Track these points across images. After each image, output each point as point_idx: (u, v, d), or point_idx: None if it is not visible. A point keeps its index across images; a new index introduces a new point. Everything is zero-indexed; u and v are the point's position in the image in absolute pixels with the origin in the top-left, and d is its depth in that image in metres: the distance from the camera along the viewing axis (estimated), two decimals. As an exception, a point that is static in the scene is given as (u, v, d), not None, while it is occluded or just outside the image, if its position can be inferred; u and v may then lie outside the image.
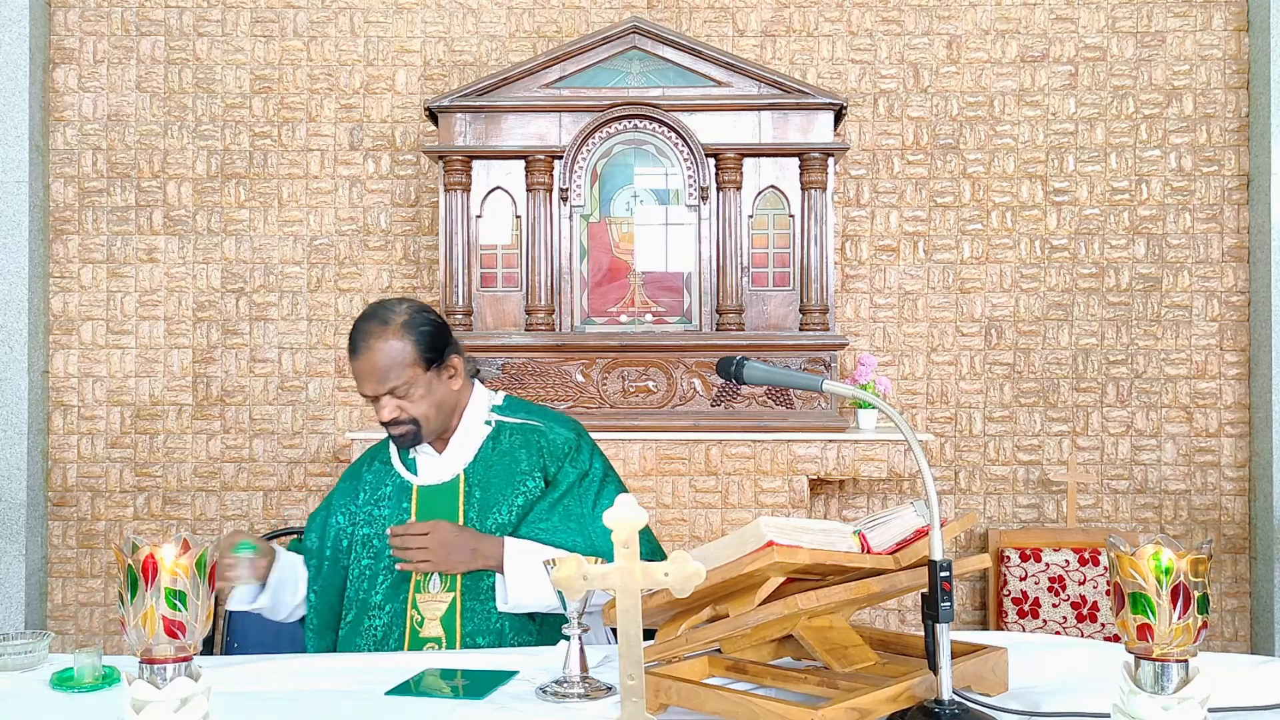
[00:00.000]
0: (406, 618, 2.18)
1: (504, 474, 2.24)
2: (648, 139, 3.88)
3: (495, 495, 2.22)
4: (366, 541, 2.25)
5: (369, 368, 2.14)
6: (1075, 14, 4.20)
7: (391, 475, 2.30)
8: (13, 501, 4.02)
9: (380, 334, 2.14)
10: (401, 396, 2.16)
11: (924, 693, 1.49)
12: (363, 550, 2.25)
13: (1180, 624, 1.28)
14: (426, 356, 2.17)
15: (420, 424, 2.19)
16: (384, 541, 2.21)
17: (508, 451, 2.26)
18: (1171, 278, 4.17)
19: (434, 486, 2.26)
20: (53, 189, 4.21)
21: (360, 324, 2.18)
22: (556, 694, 1.70)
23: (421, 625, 2.16)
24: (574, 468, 2.26)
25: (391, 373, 2.14)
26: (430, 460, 2.28)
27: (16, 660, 1.86)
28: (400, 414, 2.17)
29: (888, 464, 3.70)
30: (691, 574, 1.34)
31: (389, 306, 2.20)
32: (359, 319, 2.20)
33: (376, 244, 4.22)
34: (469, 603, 2.16)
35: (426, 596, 2.17)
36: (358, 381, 2.19)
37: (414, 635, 2.16)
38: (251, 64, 4.23)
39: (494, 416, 2.30)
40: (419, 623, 2.16)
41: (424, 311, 2.21)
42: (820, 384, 1.68)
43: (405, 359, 2.14)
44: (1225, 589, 4.15)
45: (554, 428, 2.30)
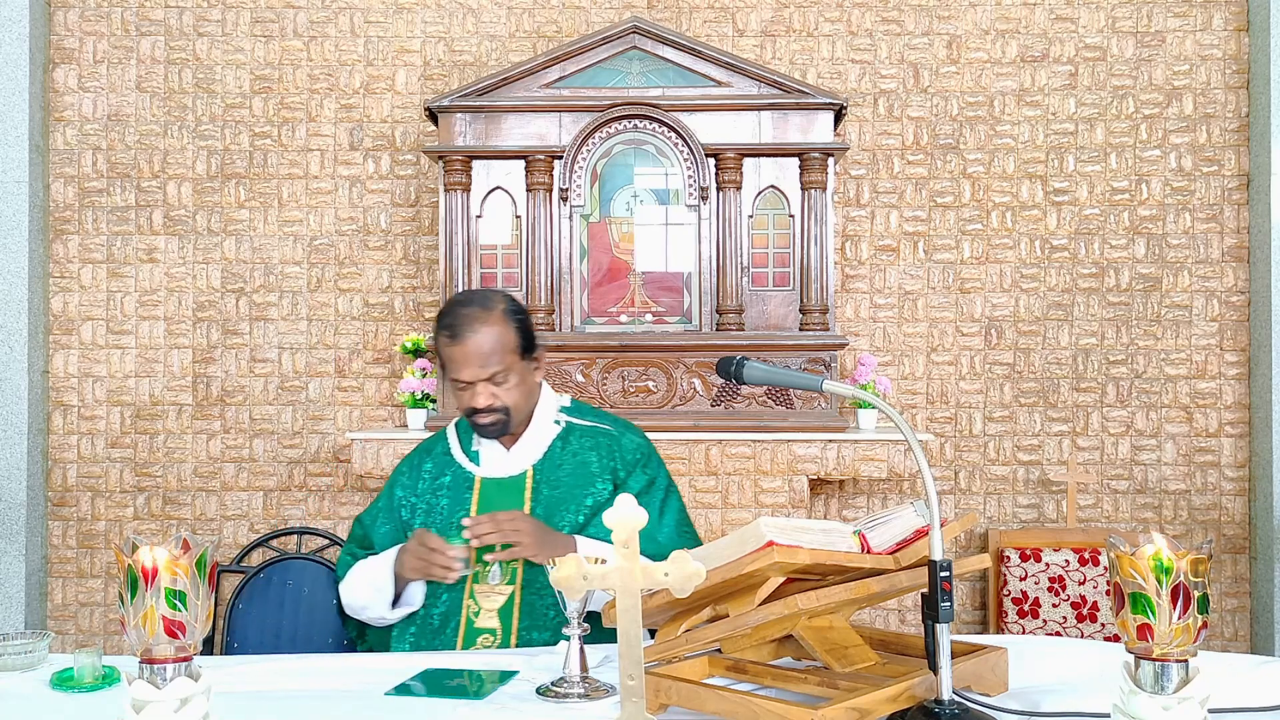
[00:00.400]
0: (463, 608, 2.18)
1: (574, 475, 2.25)
2: (648, 139, 3.88)
3: (565, 495, 2.23)
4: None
5: (473, 352, 2.15)
6: (1075, 14, 4.20)
7: (452, 465, 2.31)
8: (13, 501, 4.02)
9: (485, 319, 2.16)
10: (498, 384, 2.17)
11: (924, 693, 1.49)
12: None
13: (1180, 624, 1.28)
14: (523, 345, 2.20)
15: (510, 413, 2.20)
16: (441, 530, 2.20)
17: (578, 453, 2.28)
18: (1171, 278, 4.17)
19: (499, 479, 2.26)
20: (53, 189, 4.21)
21: (460, 310, 2.19)
22: (556, 694, 1.70)
23: (477, 616, 2.16)
24: (644, 474, 2.28)
25: (493, 358, 2.16)
26: (496, 453, 2.29)
27: (16, 660, 1.86)
28: (494, 401, 2.18)
29: (888, 464, 3.70)
30: (691, 574, 1.34)
31: (487, 294, 2.23)
32: (456, 305, 2.22)
33: (376, 244, 4.22)
34: (528, 597, 2.16)
35: (485, 588, 2.18)
36: (454, 367, 2.18)
37: (469, 626, 2.16)
38: (251, 64, 4.23)
39: (563, 417, 2.32)
40: (475, 613, 2.16)
41: (518, 301, 2.26)
42: (820, 384, 1.68)
43: (507, 345, 2.17)
44: (1225, 589, 4.15)
45: (625, 434, 2.33)
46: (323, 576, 3.99)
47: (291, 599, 3.96)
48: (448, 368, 2.21)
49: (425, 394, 3.91)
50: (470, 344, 2.16)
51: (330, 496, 4.19)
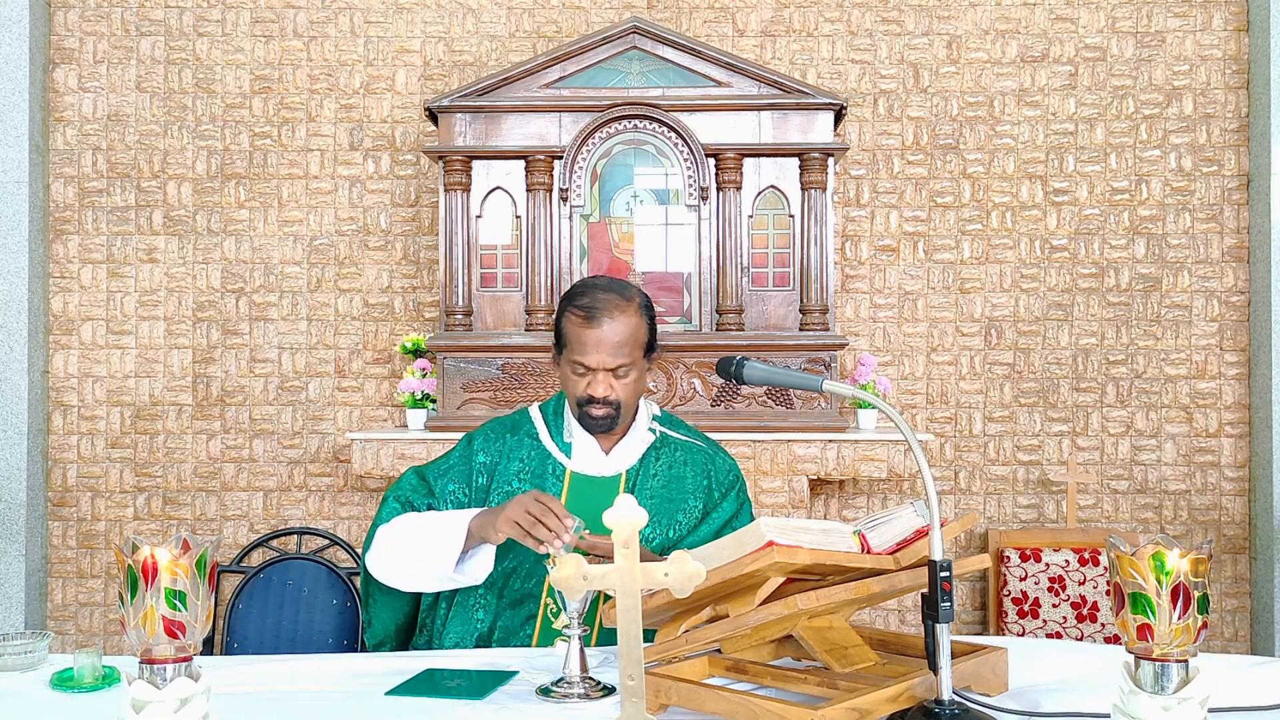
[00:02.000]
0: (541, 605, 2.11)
1: (668, 488, 2.20)
2: (648, 139, 3.88)
3: (657, 506, 2.17)
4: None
5: (606, 338, 2.08)
6: (1075, 14, 4.19)
7: (540, 450, 2.21)
8: (13, 501, 4.03)
9: (624, 309, 2.11)
10: (620, 377, 2.12)
11: (924, 693, 1.49)
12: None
13: (1180, 624, 1.28)
14: (650, 342, 2.16)
15: (621, 409, 2.14)
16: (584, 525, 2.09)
17: (673, 466, 2.23)
18: (1171, 278, 4.17)
19: (592, 478, 2.19)
20: (53, 189, 4.21)
21: (600, 293, 2.12)
22: (556, 694, 1.70)
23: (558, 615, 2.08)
24: (738, 498, 2.26)
25: (624, 348, 2.10)
26: (591, 450, 2.20)
27: (16, 660, 1.86)
28: (611, 393, 2.11)
29: (888, 464, 3.70)
30: (691, 574, 1.34)
31: (625, 284, 2.17)
32: (595, 289, 2.14)
33: (376, 244, 4.22)
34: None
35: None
36: (582, 350, 2.09)
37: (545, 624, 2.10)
38: (251, 64, 4.23)
39: (657, 427, 2.26)
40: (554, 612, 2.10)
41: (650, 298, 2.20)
42: (820, 384, 1.68)
43: (639, 337, 2.13)
44: (1225, 589, 4.15)
45: (719, 454, 2.30)
46: (323, 576, 3.99)
47: (291, 599, 3.96)
48: (573, 349, 2.11)
49: (425, 394, 3.91)
50: (606, 329, 2.08)
51: (330, 496, 4.19)
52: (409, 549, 2.08)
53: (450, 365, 3.82)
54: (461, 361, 3.81)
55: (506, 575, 2.13)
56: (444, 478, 2.21)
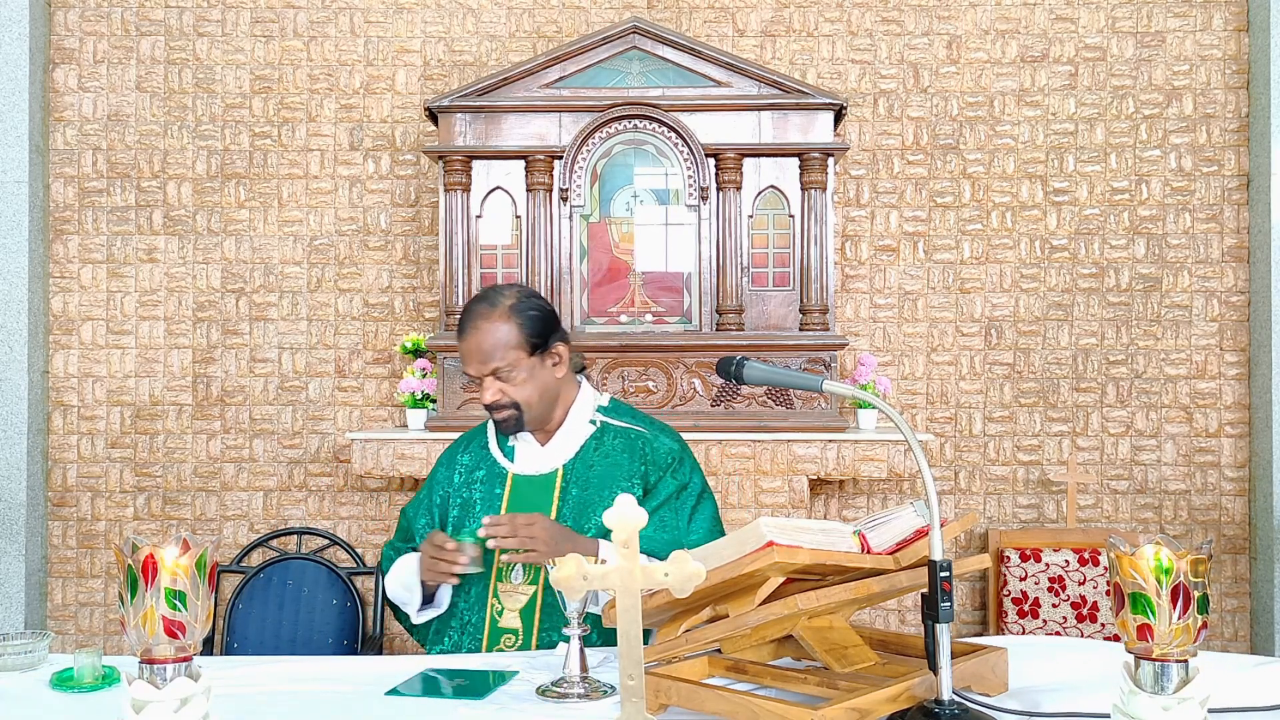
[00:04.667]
0: (488, 606, 2.19)
1: (604, 476, 2.24)
2: (648, 139, 3.88)
3: (593, 495, 2.22)
4: (458, 525, 2.27)
5: (474, 348, 2.19)
6: (1075, 14, 4.19)
7: (487, 459, 2.31)
8: (13, 501, 4.02)
9: (487, 315, 2.19)
10: (504, 380, 2.19)
11: (924, 693, 1.49)
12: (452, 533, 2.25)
13: (1180, 624, 1.28)
14: (531, 341, 2.20)
15: (522, 409, 2.21)
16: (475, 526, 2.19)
17: (610, 454, 2.27)
18: (1171, 278, 4.17)
19: (530, 476, 2.27)
20: (53, 189, 4.21)
21: (470, 305, 2.23)
22: (556, 694, 1.70)
23: (501, 615, 2.17)
24: (674, 479, 2.26)
25: (495, 354, 2.17)
26: (530, 450, 2.29)
27: (16, 660, 1.86)
28: (502, 397, 2.20)
29: (888, 464, 3.70)
30: (691, 574, 1.33)
31: (499, 290, 2.26)
32: (469, 301, 2.26)
33: (376, 244, 4.22)
34: (549, 599, 2.15)
35: (508, 587, 2.18)
36: (463, 361, 2.23)
37: (493, 625, 2.17)
38: (251, 64, 4.23)
39: (599, 417, 2.31)
40: (499, 612, 2.17)
41: (532, 297, 2.25)
42: (820, 384, 1.68)
43: (510, 341, 2.18)
44: (1225, 589, 4.15)
45: (659, 436, 2.31)
46: (322, 576, 3.99)
47: (291, 599, 3.96)
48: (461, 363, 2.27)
49: (425, 394, 3.91)
50: (472, 340, 2.19)
51: (330, 496, 4.19)
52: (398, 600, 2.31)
53: (450, 365, 3.82)
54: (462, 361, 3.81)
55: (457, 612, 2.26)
56: (416, 516, 2.38)
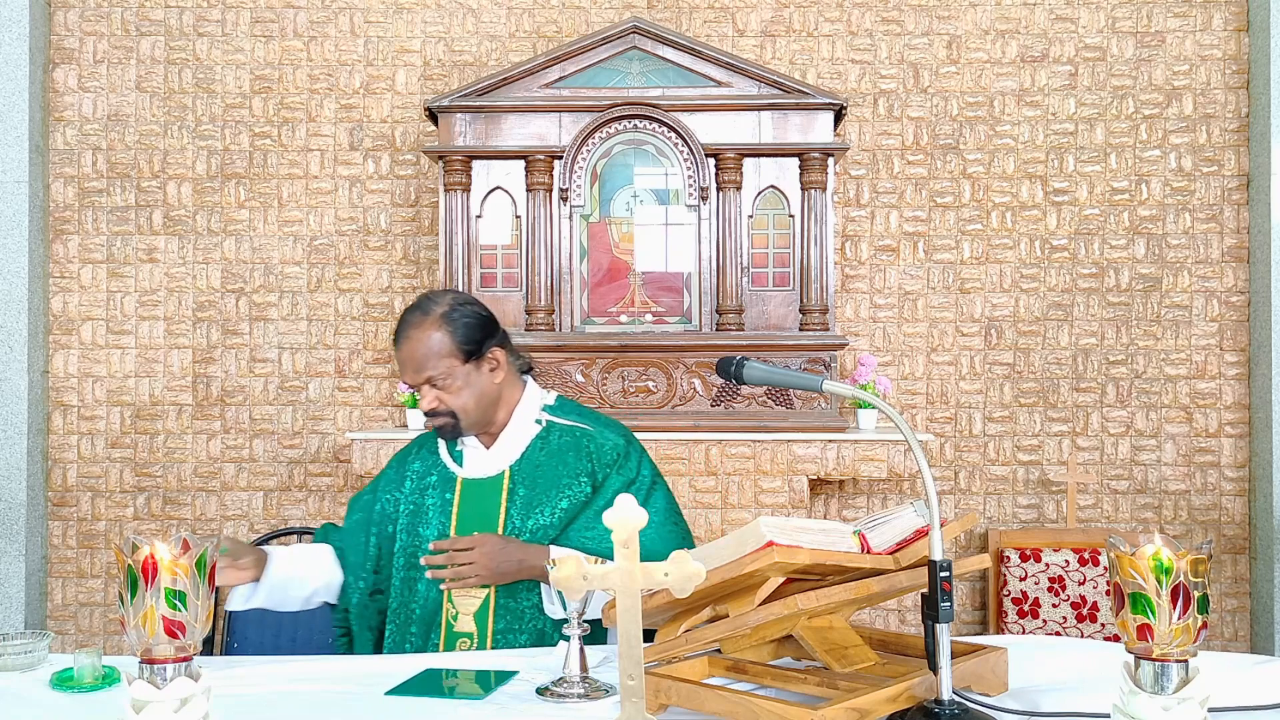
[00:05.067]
0: (443, 610, 2.19)
1: (550, 475, 2.24)
2: (648, 139, 3.88)
3: (540, 495, 2.22)
4: (411, 530, 2.27)
5: (407, 356, 2.19)
6: (1075, 14, 4.19)
7: (438, 465, 2.32)
8: (13, 501, 4.02)
9: (419, 324, 2.19)
10: (440, 387, 2.19)
11: (924, 693, 1.49)
12: (407, 539, 2.26)
13: (1180, 624, 1.28)
14: (465, 348, 2.19)
15: (459, 416, 2.21)
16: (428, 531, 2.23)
17: (556, 453, 2.27)
18: (1171, 278, 4.17)
19: (478, 480, 2.27)
20: (53, 189, 4.21)
21: (404, 314, 2.23)
22: (556, 694, 1.70)
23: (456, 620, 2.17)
24: (621, 475, 2.26)
25: (428, 363, 2.17)
26: (477, 454, 2.29)
27: (16, 660, 1.86)
28: (439, 404, 2.20)
29: (888, 464, 3.70)
30: (691, 574, 1.33)
31: (432, 297, 2.24)
32: (404, 310, 2.25)
33: (376, 244, 4.22)
34: (503, 600, 2.16)
35: (461, 591, 2.18)
36: (401, 372, 2.24)
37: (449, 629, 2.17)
38: (251, 64, 4.23)
39: (545, 416, 2.31)
40: (454, 616, 2.17)
41: (467, 304, 2.24)
42: (820, 384, 1.68)
43: (442, 349, 2.18)
44: (1225, 589, 4.15)
45: (603, 432, 2.31)
46: (323, 576, 3.99)
47: (291, 599, 3.95)
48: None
49: (425, 394, 3.91)
50: (405, 349, 2.19)
51: (330, 496, 4.19)
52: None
53: (450, 365, 3.82)
54: (461, 361, 3.81)
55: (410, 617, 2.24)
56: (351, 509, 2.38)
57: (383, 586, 2.30)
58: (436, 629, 2.18)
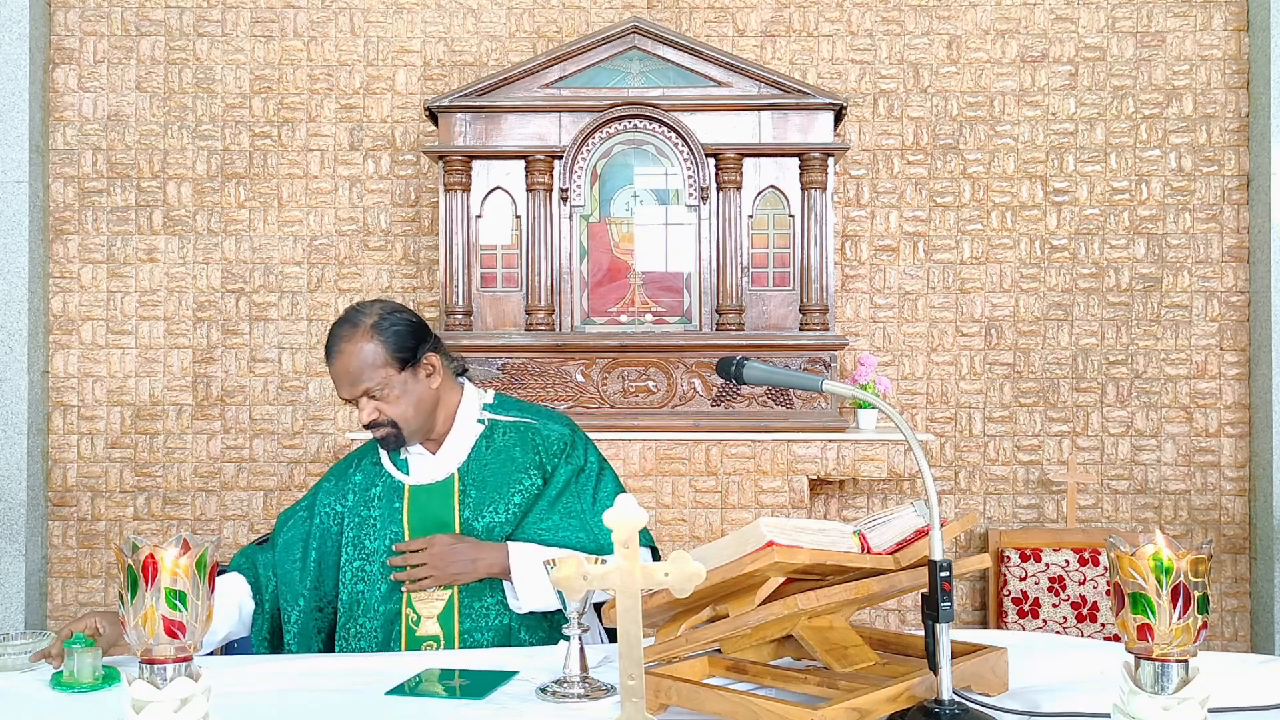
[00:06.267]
0: (403, 617, 2.17)
1: (500, 472, 2.23)
2: (648, 139, 3.88)
3: (491, 494, 2.21)
4: (358, 543, 2.23)
5: (341, 371, 2.16)
6: (1075, 14, 4.19)
7: (382, 475, 2.28)
8: (13, 501, 4.02)
9: (350, 337, 2.15)
10: (378, 398, 2.16)
11: (924, 693, 1.49)
12: (354, 552, 2.23)
13: (1180, 624, 1.28)
14: (399, 357, 2.16)
15: (400, 425, 2.18)
16: (376, 543, 2.20)
17: (503, 449, 2.25)
18: (1171, 278, 4.17)
19: (426, 486, 2.24)
20: (53, 189, 4.21)
21: (333, 329, 2.19)
22: (556, 694, 1.70)
23: (418, 624, 2.15)
24: (569, 464, 2.25)
25: (363, 375, 2.14)
26: (422, 460, 2.27)
27: (16, 660, 1.86)
28: (379, 415, 2.17)
29: (888, 464, 3.70)
30: (691, 574, 1.33)
31: (360, 309, 2.20)
32: (333, 324, 2.21)
33: (376, 244, 4.22)
34: (466, 599, 2.15)
35: (422, 595, 2.16)
36: (336, 387, 2.20)
37: (410, 634, 2.15)
38: (251, 64, 4.23)
39: (486, 415, 2.29)
40: (415, 621, 2.15)
41: (396, 312, 2.20)
42: (820, 384, 1.68)
43: (376, 360, 2.14)
44: (1225, 589, 4.15)
45: (547, 424, 2.29)
46: (323, 576, 3.99)
47: (291, 599, 3.95)
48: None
49: (425, 394, 3.91)
50: (338, 364, 2.16)
51: (330, 496, 4.19)
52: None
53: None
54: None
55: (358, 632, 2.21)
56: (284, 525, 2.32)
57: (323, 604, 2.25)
58: (396, 636, 2.16)
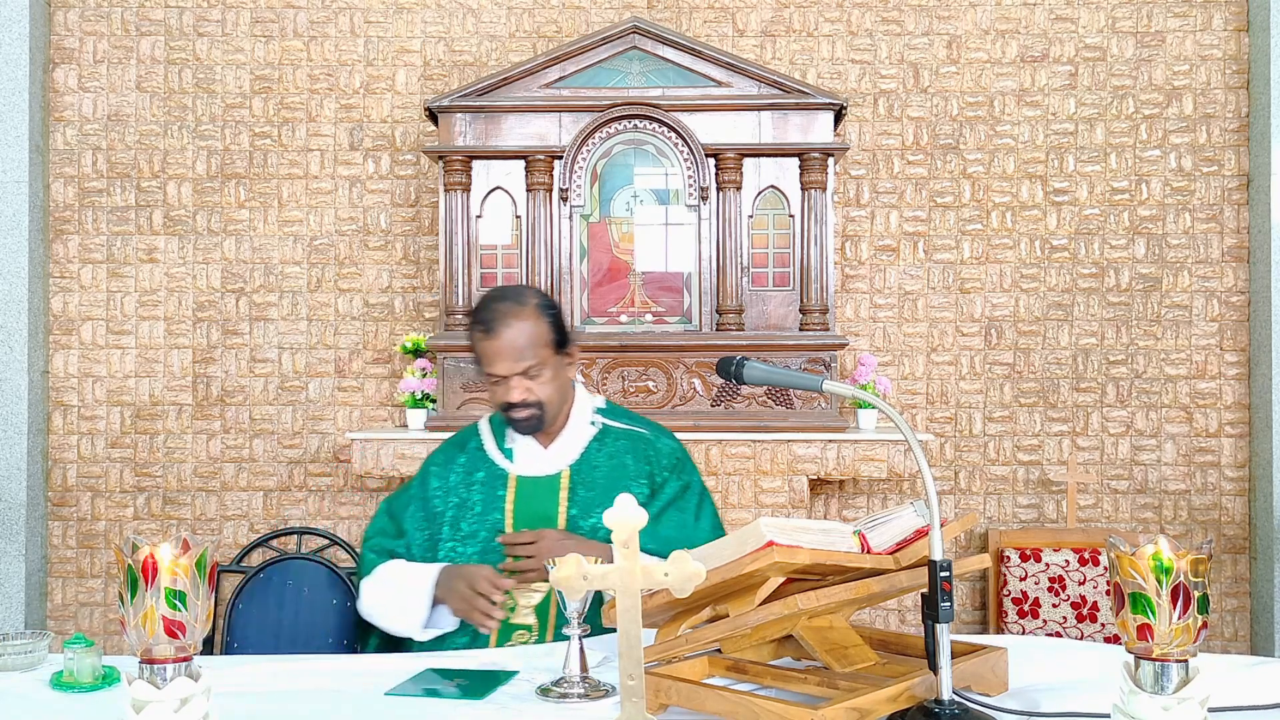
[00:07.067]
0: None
1: (610, 476, 2.26)
2: (648, 139, 3.88)
3: (600, 496, 2.23)
4: (455, 523, 2.25)
5: (507, 345, 2.17)
6: (1075, 14, 4.19)
7: (485, 461, 2.30)
8: (13, 501, 4.02)
9: (518, 314, 2.19)
10: (532, 378, 2.19)
11: (924, 693, 1.49)
12: (450, 532, 2.25)
13: (1180, 624, 1.28)
14: (556, 340, 2.22)
15: (544, 408, 2.21)
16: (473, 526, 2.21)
17: (614, 455, 2.29)
18: (1171, 278, 4.17)
19: (534, 478, 2.27)
20: (53, 189, 4.21)
21: (494, 305, 2.21)
22: (556, 694, 1.70)
23: (513, 611, 2.15)
24: (678, 479, 2.29)
25: (527, 352, 2.17)
26: (532, 452, 2.29)
27: (16, 660, 1.86)
28: (529, 395, 2.19)
29: (888, 464, 3.70)
30: (691, 574, 1.34)
31: (519, 290, 2.27)
32: (490, 301, 2.23)
33: (376, 244, 4.22)
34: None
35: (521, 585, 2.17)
36: (489, 361, 2.20)
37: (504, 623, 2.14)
38: (251, 64, 4.23)
39: (598, 418, 2.33)
40: (510, 608, 2.14)
41: (549, 297, 2.29)
42: (820, 384, 1.68)
43: (540, 340, 2.19)
44: (1225, 589, 4.15)
45: (660, 437, 2.35)
46: (323, 576, 3.99)
47: (291, 599, 3.95)
48: (482, 363, 2.22)
49: (425, 394, 3.91)
50: (504, 338, 2.17)
51: (330, 496, 4.19)
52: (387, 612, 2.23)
53: (450, 365, 3.82)
54: (461, 361, 3.81)
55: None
56: (405, 511, 2.34)
57: None
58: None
